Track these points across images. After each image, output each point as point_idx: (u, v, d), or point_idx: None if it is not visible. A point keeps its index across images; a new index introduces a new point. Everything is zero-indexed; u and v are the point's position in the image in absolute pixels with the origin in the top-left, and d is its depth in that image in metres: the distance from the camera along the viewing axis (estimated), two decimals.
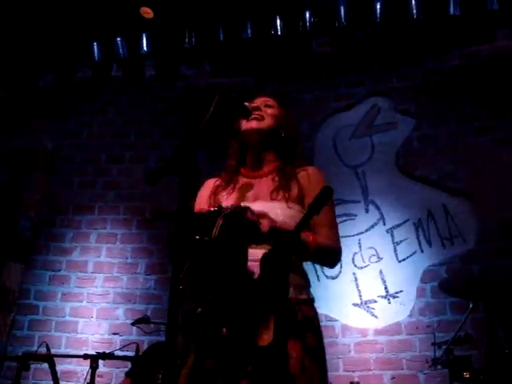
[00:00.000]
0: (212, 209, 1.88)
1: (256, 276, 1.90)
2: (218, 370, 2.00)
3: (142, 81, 6.00)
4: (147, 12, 5.24)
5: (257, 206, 2.18)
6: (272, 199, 2.26)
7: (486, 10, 5.05)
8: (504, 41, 5.36)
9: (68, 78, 5.97)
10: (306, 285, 2.23)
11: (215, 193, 2.38)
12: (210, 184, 2.46)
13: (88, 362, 4.18)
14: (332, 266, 2.47)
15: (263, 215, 2.05)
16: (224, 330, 1.96)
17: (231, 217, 1.88)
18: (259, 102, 2.44)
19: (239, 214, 1.97)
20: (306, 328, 2.10)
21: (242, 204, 2.20)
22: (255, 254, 2.02)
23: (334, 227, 2.36)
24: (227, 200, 2.31)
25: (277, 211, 2.20)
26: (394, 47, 5.53)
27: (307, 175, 2.37)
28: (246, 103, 2.34)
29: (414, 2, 5.10)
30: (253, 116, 2.37)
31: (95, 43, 5.74)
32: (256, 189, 2.32)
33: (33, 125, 5.87)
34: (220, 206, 1.88)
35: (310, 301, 2.22)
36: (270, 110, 2.42)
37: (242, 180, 2.38)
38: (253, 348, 1.99)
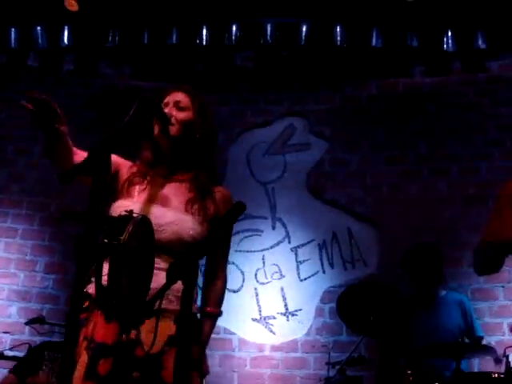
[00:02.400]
0: (123, 213, 1.85)
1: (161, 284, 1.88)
2: (111, 376, 1.98)
3: (59, 74, 5.82)
4: (72, 4, 5.09)
5: (170, 215, 2.20)
6: (186, 210, 2.24)
7: (406, 45, 5.25)
8: (420, 77, 5.59)
9: None
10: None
11: (130, 181, 2.30)
12: (127, 165, 2.37)
13: None
14: None
15: None
16: (124, 336, 1.94)
17: (141, 223, 1.86)
18: (171, 102, 2.35)
19: (149, 221, 1.95)
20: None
21: (156, 207, 2.21)
22: (160, 262, 2.06)
23: (227, 259, 2.43)
24: (139, 196, 2.26)
25: (188, 224, 2.20)
26: (315, 70, 5.64)
27: (223, 200, 2.35)
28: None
29: (338, 30, 5.22)
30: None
31: (13, 29, 5.53)
32: (170, 193, 2.28)
33: None
34: (131, 211, 1.85)
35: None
36: (182, 114, 2.33)
37: (157, 179, 2.31)
38: (144, 355, 2.01)
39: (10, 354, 4.25)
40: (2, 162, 5.52)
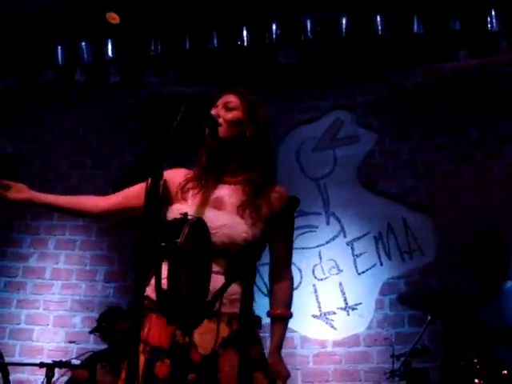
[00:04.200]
0: (178, 216, 1.85)
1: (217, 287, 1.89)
2: (170, 378, 1.99)
3: (106, 87, 5.94)
4: (113, 17, 5.19)
5: (223, 218, 2.19)
6: (238, 213, 2.21)
7: (449, 29, 5.16)
8: (465, 60, 5.49)
9: (30, 81, 5.88)
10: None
11: (184, 186, 2.29)
12: (181, 173, 2.36)
13: (43, 370, 4.09)
14: None
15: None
16: (187, 338, 1.95)
17: (196, 225, 1.87)
18: (221, 104, 2.32)
19: (204, 223, 1.95)
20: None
21: (210, 210, 2.20)
22: (215, 265, 2.04)
23: (291, 259, 2.43)
24: (193, 199, 2.25)
25: (241, 227, 2.18)
26: (358, 62, 5.61)
27: (280, 198, 2.31)
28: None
29: (378, 19, 5.18)
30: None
31: (59, 47, 5.67)
32: (224, 196, 2.27)
33: None
34: (186, 214, 1.85)
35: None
36: (230, 114, 2.28)
37: (211, 182, 2.29)
38: (201, 357, 2.03)
39: (77, 362, 4.34)
40: (57, 177, 5.65)
